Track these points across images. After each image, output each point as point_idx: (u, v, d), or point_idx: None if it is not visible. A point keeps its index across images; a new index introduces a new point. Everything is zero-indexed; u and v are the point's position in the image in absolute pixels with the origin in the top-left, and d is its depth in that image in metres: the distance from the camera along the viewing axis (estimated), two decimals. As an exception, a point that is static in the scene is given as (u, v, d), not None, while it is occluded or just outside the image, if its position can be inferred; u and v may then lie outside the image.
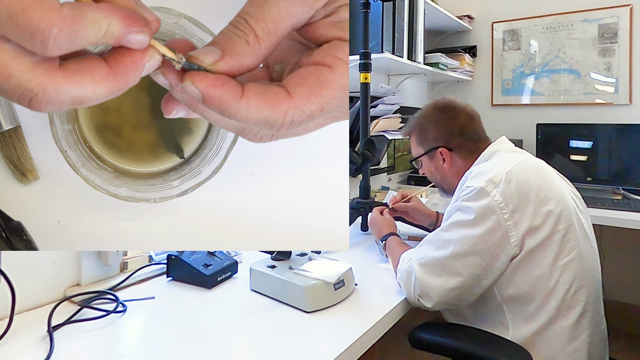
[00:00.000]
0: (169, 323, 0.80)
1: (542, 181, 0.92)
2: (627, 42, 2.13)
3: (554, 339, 0.86)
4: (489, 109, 2.50)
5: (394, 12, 1.69)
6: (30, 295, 0.83)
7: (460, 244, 0.87)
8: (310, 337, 0.75)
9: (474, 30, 2.53)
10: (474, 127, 1.09)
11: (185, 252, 0.99)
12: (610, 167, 2.01)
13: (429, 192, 1.85)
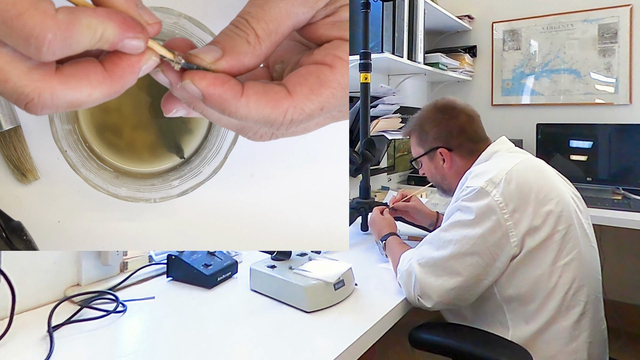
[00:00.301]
0: (169, 323, 0.80)
1: (542, 181, 0.92)
2: (627, 42, 2.13)
3: (554, 339, 0.86)
4: (489, 109, 2.50)
5: (394, 12, 1.69)
6: (30, 295, 0.83)
7: (460, 244, 0.87)
8: (310, 337, 0.75)
9: (474, 30, 2.53)
10: (474, 127, 1.09)
11: (185, 252, 0.99)
12: (610, 167, 2.01)
13: (429, 192, 1.85)
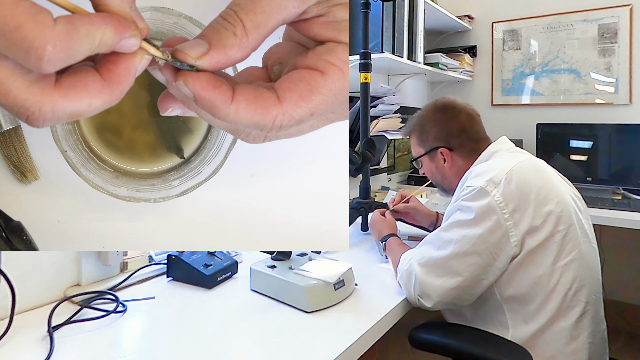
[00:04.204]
0: (169, 323, 0.80)
1: (543, 181, 0.92)
2: (627, 42, 2.13)
3: (554, 339, 0.86)
4: (489, 109, 2.50)
5: (394, 12, 1.69)
6: (30, 295, 0.83)
7: (460, 244, 0.87)
8: (310, 337, 0.75)
9: (474, 30, 2.53)
10: (475, 127, 1.09)
11: (185, 252, 0.99)
12: (610, 167, 2.01)
13: (429, 192, 1.85)
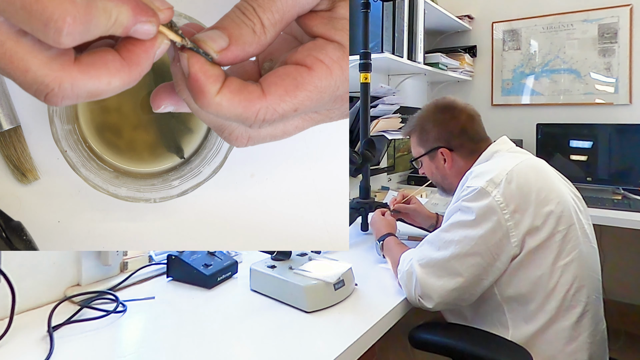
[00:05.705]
0: (169, 323, 0.80)
1: (543, 181, 0.92)
2: (627, 42, 2.13)
3: (554, 339, 0.86)
4: (489, 109, 2.50)
5: (394, 12, 1.69)
6: (30, 295, 0.83)
7: (461, 245, 0.87)
8: (310, 337, 0.75)
9: (474, 30, 2.53)
10: (475, 127, 1.09)
11: (185, 252, 0.99)
12: (610, 167, 2.01)
13: (429, 192, 1.85)
